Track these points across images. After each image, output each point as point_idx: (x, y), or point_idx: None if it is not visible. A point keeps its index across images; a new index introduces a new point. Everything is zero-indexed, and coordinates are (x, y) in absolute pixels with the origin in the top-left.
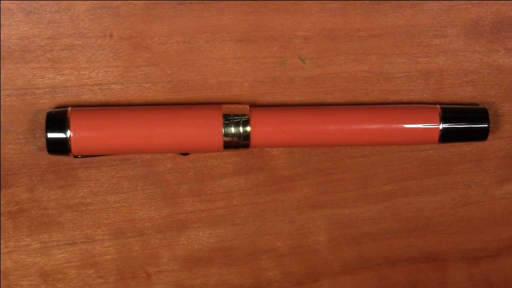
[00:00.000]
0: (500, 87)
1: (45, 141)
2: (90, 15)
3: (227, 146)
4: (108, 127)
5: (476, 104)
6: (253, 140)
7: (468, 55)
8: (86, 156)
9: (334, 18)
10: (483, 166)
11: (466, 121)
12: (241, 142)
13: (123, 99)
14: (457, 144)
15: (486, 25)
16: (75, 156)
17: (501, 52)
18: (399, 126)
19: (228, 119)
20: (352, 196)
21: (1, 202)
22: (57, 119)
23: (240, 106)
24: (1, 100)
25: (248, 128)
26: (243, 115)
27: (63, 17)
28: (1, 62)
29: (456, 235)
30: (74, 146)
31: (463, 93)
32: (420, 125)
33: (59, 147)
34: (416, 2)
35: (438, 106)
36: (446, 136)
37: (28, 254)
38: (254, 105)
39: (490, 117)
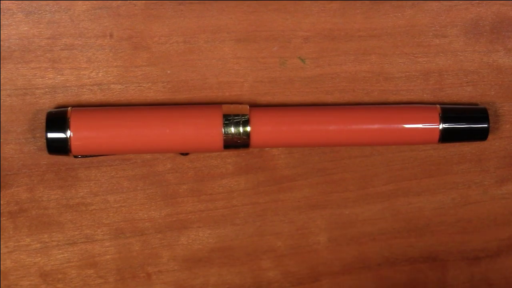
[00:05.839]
0: (500, 87)
1: (45, 141)
2: (90, 15)
3: (227, 146)
4: (108, 127)
5: (476, 104)
6: (253, 140)
7: (468, 55)
8: (86, 156)
9: (334, 18)
10: (483, 166)
11: (466, 121)
12: (241, 142)
13: (123, 99)
14: (457, 144)
15: (486, 25)
16: (75, 156)
17: (501, 52)
18: (399, 126)
19: (228, 119)
20: (352, 196)
21: (1, 202)
22: (57, 119)
23: (240, 106)
24: (1, 100)
25: (248, 128)
26: (243, 115)
27: (63, 17)
28: (1, 62)
29: (456, 235)
30: (74, 146)
31: (463, 93)
32: (420, 125)
33: (59, 147)
34: (416, 2)
35: (438, 106)
36: (446, 136)
37: (28, 254)
38: (254, 105)
39: (490, 117)
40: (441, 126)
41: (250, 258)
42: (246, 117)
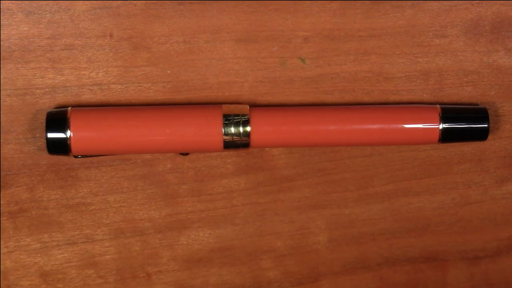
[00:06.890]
0: (500, 87)
1: (45, 141)
2: (90, 15)
3: (227, 146)
4: (108, 127)
5: (476, 104)
6: (253, 140)
7: (468, 55)
8: (86, 156)
9: (334, 18)
10: (483, 166)
11: (466, 121)
12: (241, 142)
13: (123, 99)
14: (457, 144)
15: (486, 25)
16: (75, 156)
17: (501, 52)
18: (399, 126)
19: (228, 119)
20: (352, 196)
21: (1, 202)
22: (57, 119)
23: (240, 106)
24: (1, 100)
25: (248, 128)
26: (243, 115)
27: (63, 17)
28: (1, 62)
29: (456, 235)
30: (74, 146)
31: (463, 93)
32: (420, 125)
33: (59, 147)
34: (416, 2)
35: (438, 106)
36: (446, 136)
37: (28, 254)
38: (254, 105)
39: (490, 117)
40: (441, 126)
41: (250, 258)
42: (246, 117)
